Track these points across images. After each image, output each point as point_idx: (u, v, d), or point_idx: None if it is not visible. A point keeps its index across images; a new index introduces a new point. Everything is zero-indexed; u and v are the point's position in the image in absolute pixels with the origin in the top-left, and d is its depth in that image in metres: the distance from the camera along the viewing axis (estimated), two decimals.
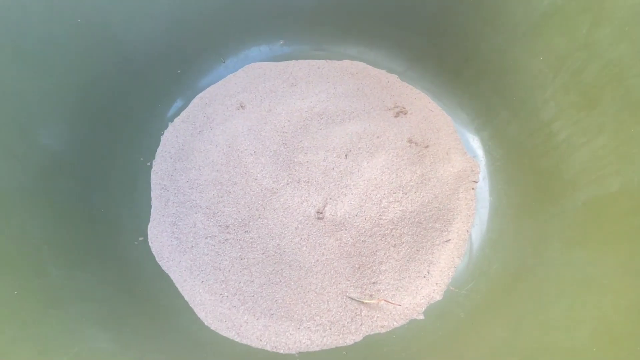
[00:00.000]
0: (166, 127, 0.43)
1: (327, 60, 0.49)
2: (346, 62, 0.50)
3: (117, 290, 0.29)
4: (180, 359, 0.26)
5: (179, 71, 0.44)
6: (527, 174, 0.35)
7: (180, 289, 0.33)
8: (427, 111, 0.46)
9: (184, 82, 0.44)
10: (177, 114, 0.43)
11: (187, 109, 0.44)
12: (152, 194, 0.38)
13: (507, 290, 0.30)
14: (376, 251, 0.35)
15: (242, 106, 0.44)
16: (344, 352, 0.31)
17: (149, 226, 0.36)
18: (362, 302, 0.33)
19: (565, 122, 0.33)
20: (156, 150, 0.41)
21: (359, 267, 0.34)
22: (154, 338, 0.26)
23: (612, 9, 0.29)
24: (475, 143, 0.42)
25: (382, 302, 0.33)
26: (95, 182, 0.34)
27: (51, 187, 0.30)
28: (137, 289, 0.30)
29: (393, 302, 0.33)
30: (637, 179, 0.25)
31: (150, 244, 0.35)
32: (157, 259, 0.34)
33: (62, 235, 0.28)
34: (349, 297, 0.33)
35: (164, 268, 0.34)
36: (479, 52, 0.41)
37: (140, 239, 0.35)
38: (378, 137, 0.42)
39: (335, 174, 0.39)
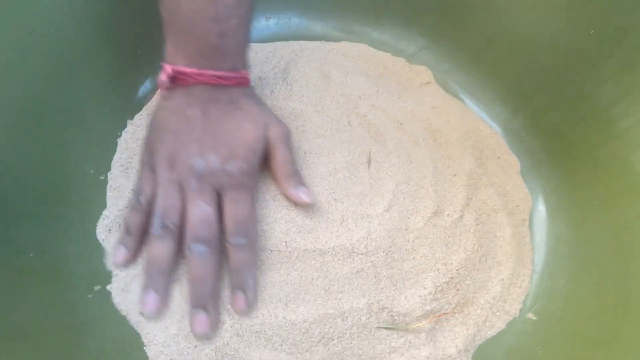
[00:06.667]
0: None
1: (323, 41, 0.42)
2: (345, 44, 0.42)
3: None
4: None
5: (139, 51, 0.34)
6: (581, 168, 0.30)
7: None
8: (440, 101, 0.40)
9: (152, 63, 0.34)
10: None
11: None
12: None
13: (584, 310, 0.25)
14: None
15: None
16: None
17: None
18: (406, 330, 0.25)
19: (628, 107, 0.28)
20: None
21: None
22: None
23: None
24: (507, 134, 0.36)
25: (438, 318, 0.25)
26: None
27: None
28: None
29: (450, 311, 0.26)
30: None
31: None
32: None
33: None
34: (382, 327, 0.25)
35: None
36: (505, 31, 0.36)
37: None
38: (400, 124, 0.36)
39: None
